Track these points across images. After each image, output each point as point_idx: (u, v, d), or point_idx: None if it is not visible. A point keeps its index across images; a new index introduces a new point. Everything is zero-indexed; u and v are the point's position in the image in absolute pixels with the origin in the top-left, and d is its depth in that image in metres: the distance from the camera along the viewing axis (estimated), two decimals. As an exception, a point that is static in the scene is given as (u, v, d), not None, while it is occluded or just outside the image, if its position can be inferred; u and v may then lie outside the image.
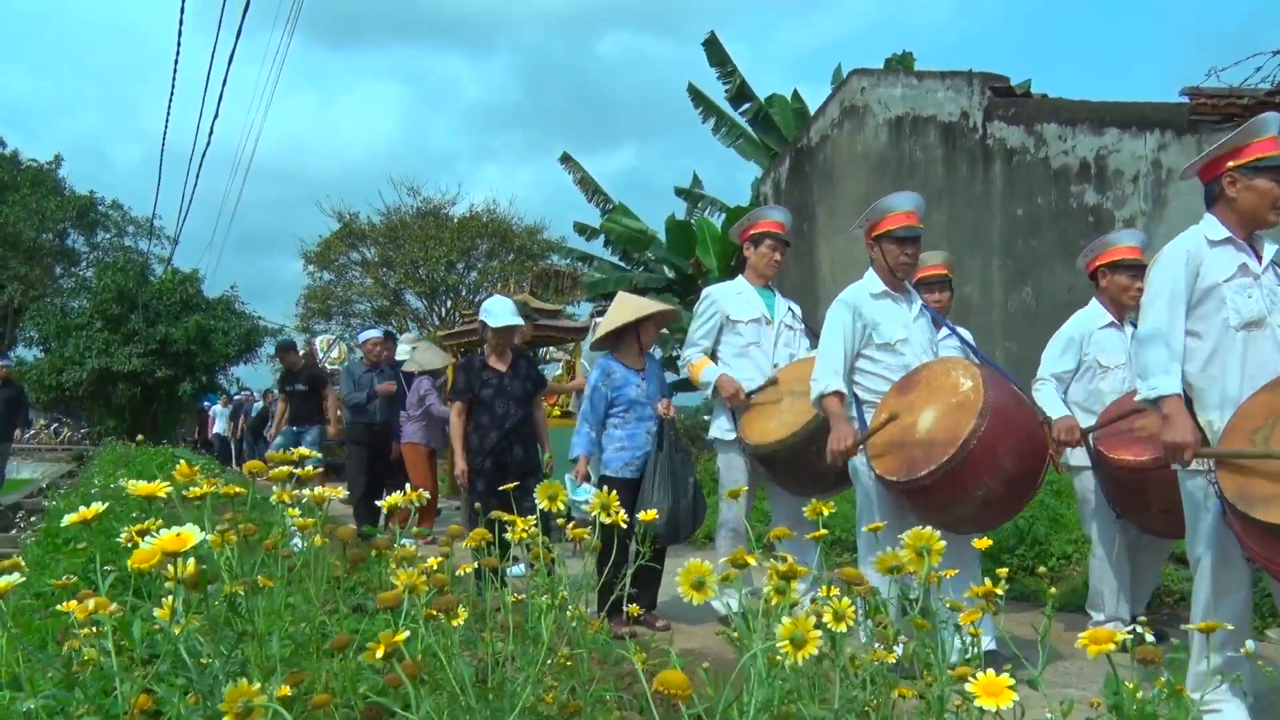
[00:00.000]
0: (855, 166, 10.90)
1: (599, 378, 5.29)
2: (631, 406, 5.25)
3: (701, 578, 1.60)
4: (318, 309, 31.63)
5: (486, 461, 5.64)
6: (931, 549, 1.66)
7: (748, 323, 5.11)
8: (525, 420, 5.83)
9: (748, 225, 5.27)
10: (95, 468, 14.23)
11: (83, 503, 6.00)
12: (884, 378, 4.23)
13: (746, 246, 5.25)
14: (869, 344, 4.29)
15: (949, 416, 3.78)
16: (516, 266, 28.90)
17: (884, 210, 4.32)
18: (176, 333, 27.42)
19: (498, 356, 5.84)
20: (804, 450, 4.51)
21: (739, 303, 5.17)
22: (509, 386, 5.77)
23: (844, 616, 1.54)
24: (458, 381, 5.86)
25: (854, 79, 11.10)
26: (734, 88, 16.45)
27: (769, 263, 5.20)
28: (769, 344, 5.13)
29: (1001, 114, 9.35)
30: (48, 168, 36.71)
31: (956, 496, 3.74)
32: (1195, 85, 7.55)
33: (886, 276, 4.35)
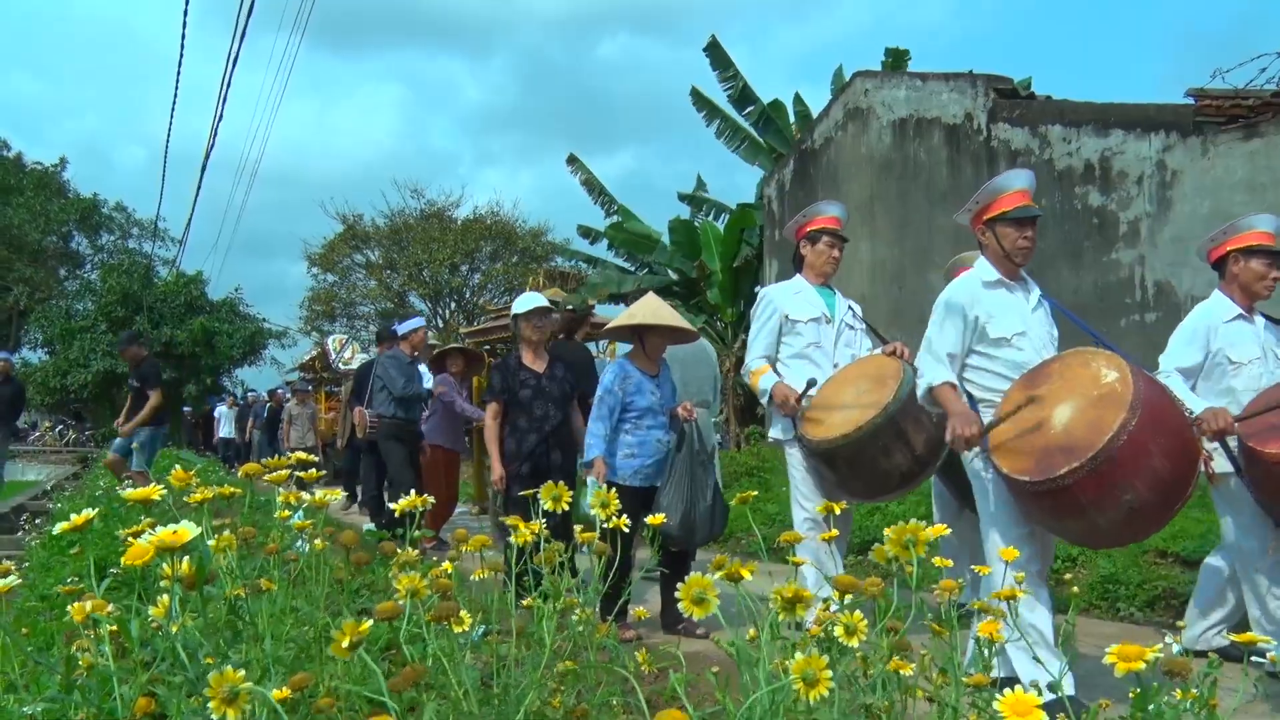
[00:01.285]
0: (859, 168, 10.89)
1: (615, 379, 5.11)
2: (644, 413, 5.10)
3: (703, 593, 1.54)
4: (322, 311, 31.64)
5: (524, 466, 5.35)
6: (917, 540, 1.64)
7: (807, 322, 4.87)
8: (564, 423, 5.56)
9: (803, 222, 5.03)
10: (99, 470, 14.24)
11: (86, 506, 5.96)
12: (1001, 375, 3.85)
13: (802, 244, 5.01)
14: (982, 339, 3.90)
15: (1092, 410, 3.40)
16: (520, 269, 28.88)
17: (997, 190, 3.91)
18: (181, 335, 27.50)
19: (534, 355, 5.59)
20: (868, 448, 4.27)
21: (797, 302, 4.91)
22: (547, 387, 5.51)
23: (855, 631, 1.50)
24: (493, 381, 5.56)
25: (858, 81, 11.09)
26: (736, 91, 16.47)
27: (827, 260, 4.95)
28: (830, 344, 4.88)
29: (1005, 115, 9.34)
30: (52, 170, 36.82)
31: (1100, 501, 3.34)
32: (1200, 86, 7.54)
33: (1002, 263, 3.94)
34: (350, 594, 2.09)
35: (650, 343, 5.22)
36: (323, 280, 32.14)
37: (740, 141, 16.82)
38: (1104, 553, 5.64)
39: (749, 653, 1.52)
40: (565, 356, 6.46)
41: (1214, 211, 7.47)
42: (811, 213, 5.02)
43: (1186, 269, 7.66)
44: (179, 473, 1.93)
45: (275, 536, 1.97)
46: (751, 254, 15.89)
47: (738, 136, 16.82)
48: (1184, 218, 7.75)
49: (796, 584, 1.70)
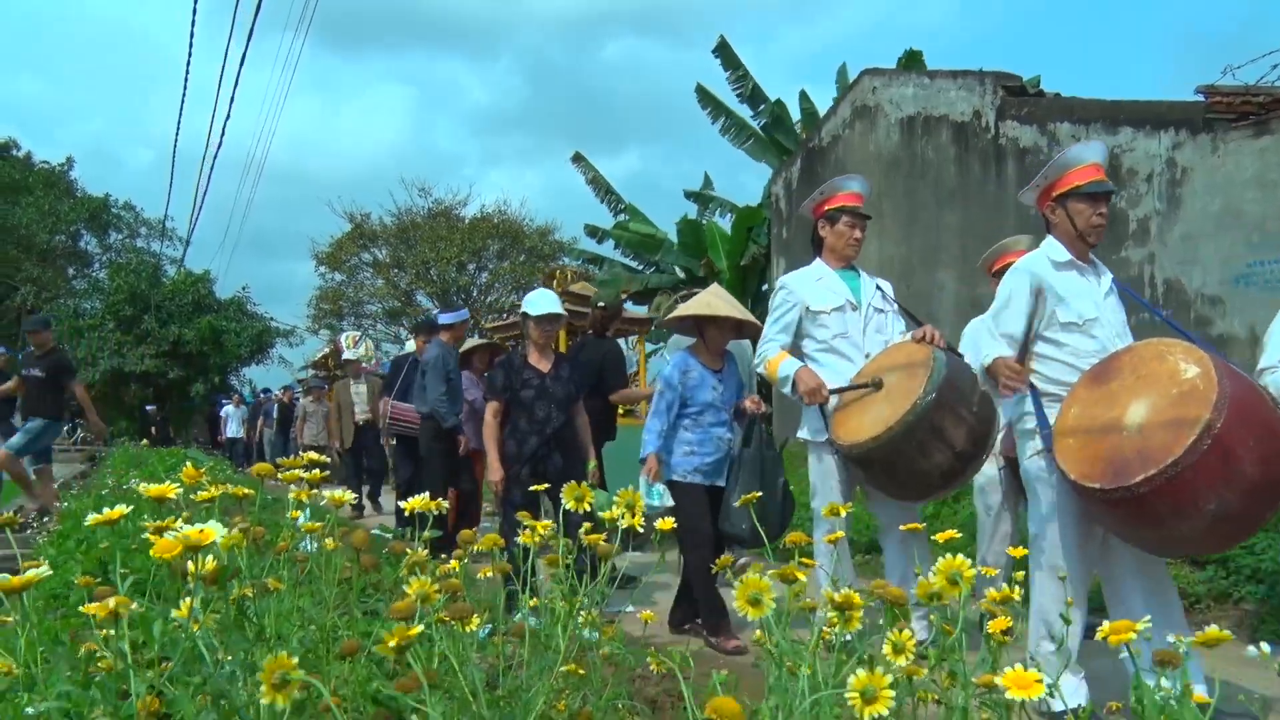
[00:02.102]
0: (867, 167, 10.85)
1: (676, 374, 4.87)
2: (705, 409, 4.84)
3: (759, 594, 1.53)
4: (329, 310, 31.70)
5: (524, 469, 5.16)
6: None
7: (831, 312, 4.47)
8: (567, 425, 5.36)
9: (820, 199, 4.62)
10: (108, 468, 14.28)
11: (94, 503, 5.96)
12: (1070, 365, 3.53)
13: (821, 225, 4.61)
14: (1050, 323, 3.58)
15: (1171, 409, 3.09)
16: (527, 268, 28.92)
17: (1068, 164, 3.63)
18: (189, 334, 27.56)
19: (539, 354, 5.38)
20: (904, 448, 3.92)
21: (819, 290, 4.51)
22: (551, 388, 5.29)
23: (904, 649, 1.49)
24: (495, 379, 5.39)
25: (865, 79, 11.06)
26: (746, 90, 16.44)
27: (848, 242, 4.55)
28: (858, 333, 4.47)
29: (1014, 113, 9.31)
30: (60, 170, 36.93)
31: (1181, 510, 3.02)
32: (1211, 84, 7.50)
33: (1073, 243, 3.64)
34: (357, 594, 2.08)
35: (710, 335, 4.95)
36: (330, 279, 32.23)
37: (746, 139, 16.81)
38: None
39: (786, 656, 1.51)
40: (594, 352, 6.36)
41: (1225, 209, 7.43)
42: (829, 189, 4.63)
43: (1197, 267, 7.62)
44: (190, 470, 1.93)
45: (285, 535, 1.96)
46: (759, 252, 15.87)
47: (744, 134, 16.81)
48: (1194, 215, 7.71)
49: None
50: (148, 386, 27.77)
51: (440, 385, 7.09)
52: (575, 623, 1.74)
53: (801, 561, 1.77)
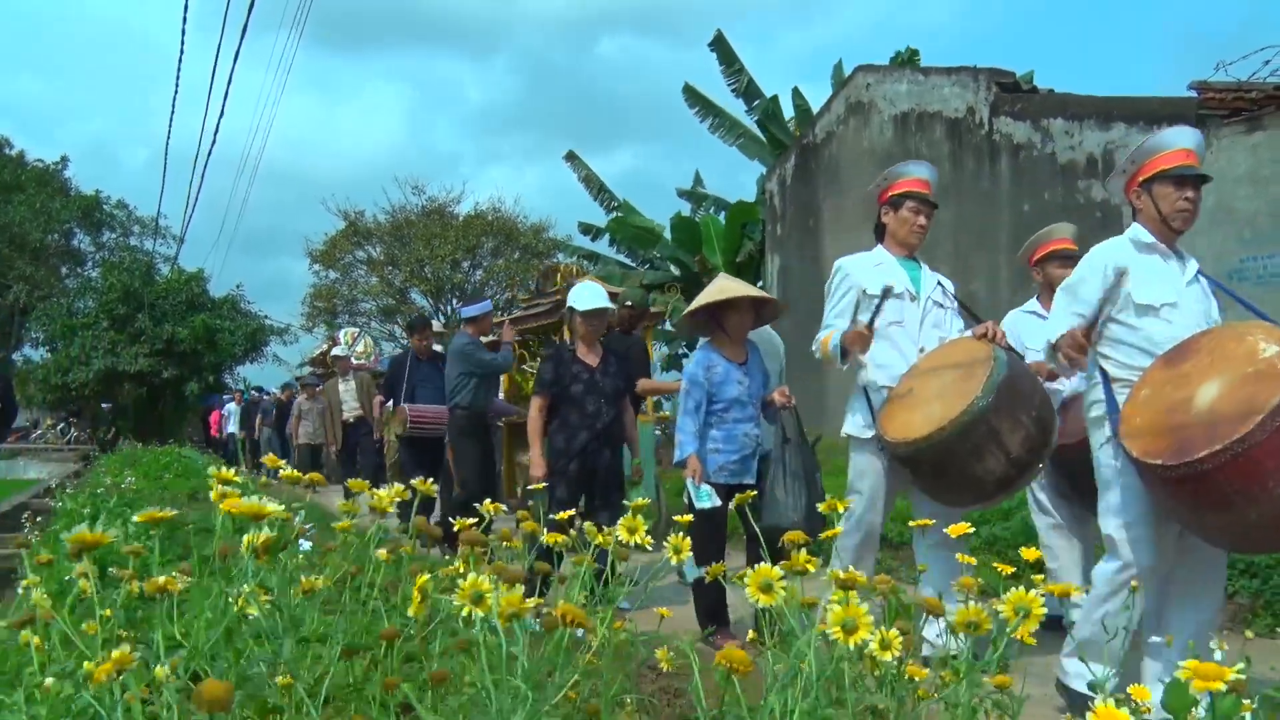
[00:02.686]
0: (861, 163, 10.87)
1: (699, 369, 4.70)
2: (731, 405, 4.68)
3: (770, 580, 1.55)
4: (324, 308, 31.65)
5: (572, 464, 5.08)
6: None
7: (891, 299, 4.30)
8: (616, 420, 5.27)
9: (885, 185, 4.47)
10: (103, 467, 14.25)
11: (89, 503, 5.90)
12: (1143, 350, 3.39)
13: (884, 210, 4.46)
14: (1125, 306, 3.44)
15: (1243, 388, 2.96)
16: (522, 265, 28.88)
17: (1156, 148, 3.51)
18: (183, 332, 27.47)
19: (587, 348, 5.31)
20: (955, 450, 3.68)
21: (877, 276, 4.33)
22: (600, 382, 5.22)
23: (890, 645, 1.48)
24: (544, 373, 5.27)
25: (859, 75, 11.07)
26: (741, 86, 16.43)
27: (911, 229, 4.36)
28: (914, 324, 4.30)
29: (1008, 109, 9.32)
30: (54, 168, 36.82)
31: (1249, 491, 2.86)
32: (1203, 80, 7.52)
33: (1158, 229, 3.52)
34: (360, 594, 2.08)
35: (730, 323, 4.77)
36: (324, 277, 32.16)
37: (738, 137, 16.80)
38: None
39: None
40: (619, 346, 6.26)
41: (1218, 205, 7.45)
42: (894, 175, 4.45)
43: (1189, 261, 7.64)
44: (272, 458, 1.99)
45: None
46: (754, 249, 15.88)
47: (735, 132, 16.80)
48: (1187, 211, 7.74)
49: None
50: (141, 385, 27.69)
51: (457, 368, 6.92)
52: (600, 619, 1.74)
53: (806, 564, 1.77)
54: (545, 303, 8.90)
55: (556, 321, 8.50)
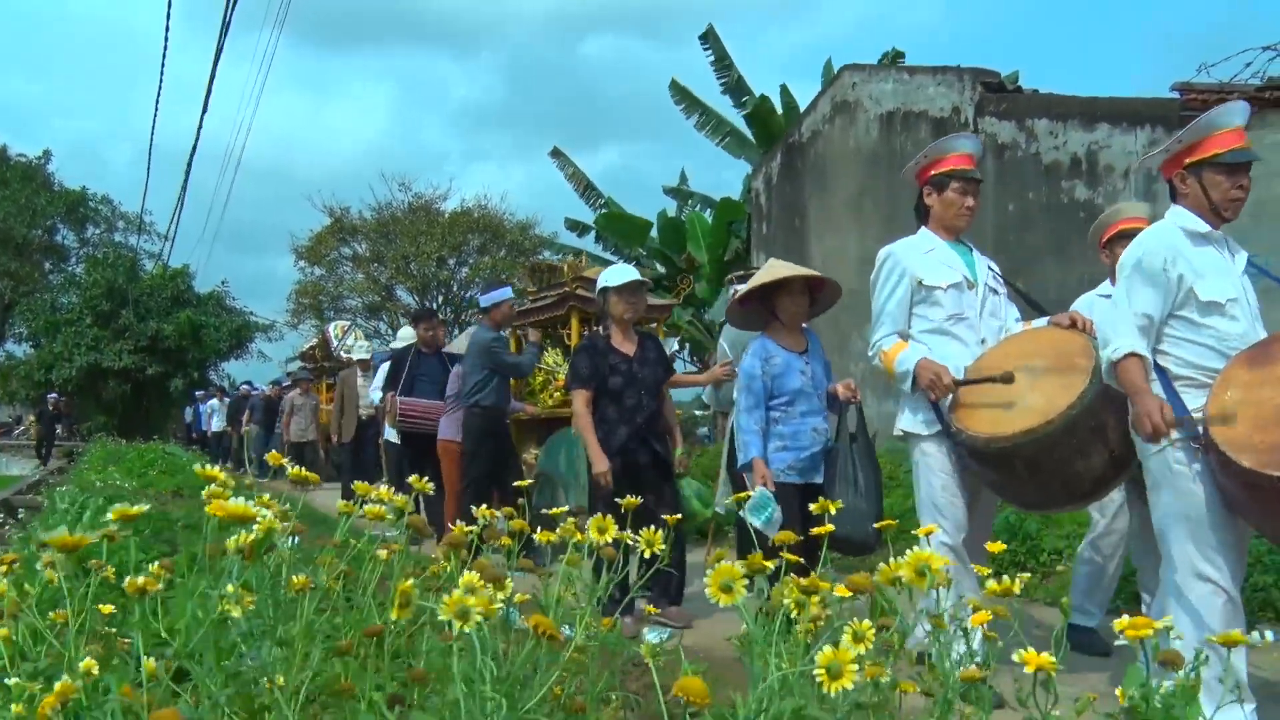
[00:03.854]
0: (847, 162, 10.90)
1: (757, 362, 4.36)
2: (795, 398, 4.32)
3: (730, 581, 1.54)
4: (309, 304, 31.56)
5: (615, 462, 4.75)
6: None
7: (947, 289, 3.88)
8: (657, 414, 4.96)
9: (926, 162, 4.08)
10: (86, 464, 14.18)
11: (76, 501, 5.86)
12: (1213, 349, 3.13)
13: (927, 191, 4.06)
14: (1186, 303, 3.15)
15: None
16: (508, 262, 28.85)
17: (1207, 128, 3.21)
18: (168, 328, 27.37)
19: (623, 336, 4.95)
20: (1059, 446, 3.38)
21: (930, 263, 3.92)
22: (639, 373, 4.87)
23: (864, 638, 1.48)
24: (579, 366, 4.89)
25: (845, 74, 11.10)
26: (731, 82, 16.41)
27: (958, 211, 3.98)
28: (975, 314, 3.90)
29: (992, 109, 9.37)
30: (37, 163, 36.58)
31: None
32: (1186, 80, 7.58)
33: (1206, 216, 3.25)
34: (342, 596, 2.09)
35: (784, 308, 4.44)
36: (309, 273, 32.07)
37: (724, 134, 16.80)
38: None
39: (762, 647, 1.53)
40: None
41: (1199, 205, 7.51)
42: (937, 151, 4.07)
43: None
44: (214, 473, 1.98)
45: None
46: (740, 247, 15.90)
47: (721, 129, 16.80)
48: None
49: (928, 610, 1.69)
50: (125, 382, 27.58)
51: (478, 366, 6.48)
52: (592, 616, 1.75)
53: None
54: (551, 295, 8.60)
55: (564, 314, 8.40)
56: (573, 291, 8.20)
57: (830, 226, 10.96)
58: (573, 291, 8.20)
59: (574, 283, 8.24)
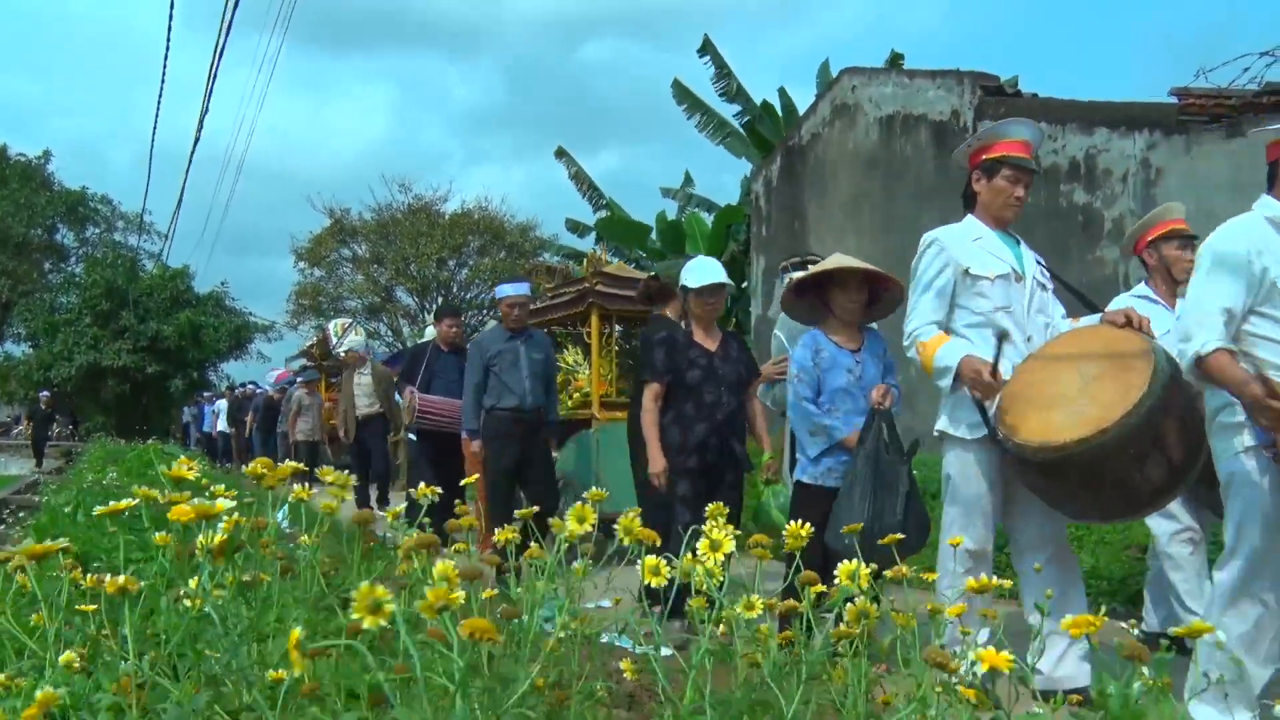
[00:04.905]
0: (846, 165, 10.92)
1: (808, 354, 4.17)
2: (838, 396, 4.14)
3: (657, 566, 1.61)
4: (309, 305, 31.56)
5: (691, 459, 4.57)
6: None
7: (995, 280, 3.60)
8: (739, 411, 4.75)
9: (978, 146, 3.79)
10: (84, 464, 14.18)
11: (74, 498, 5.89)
12: None
13: (975, 176, 3.77)
14: (1271, 298, 2.95)
15: None
16: (508, 264, 28.87)
17: None
18: (167, 329, 27.40)
19: (704, 331, 4.76)
20: (1117, 455, 3.13)
21: (976, 252, 3.64)
22: (720, 369, 4.67)
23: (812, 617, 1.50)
24: (654, 359, 4.67)
25: (845, 77, 11.12)
26: (731, 90, 16.41)
27: (1007, 201, 3.69)
28: (1022, 309, 3.64)
29: (992, 113, 9.37)
30: (37, 162, 36.59)
31: None
32: (1184, 85, 7.60)
33: None
34: (335, 589, 2.10)
35: (837, 302, 4.22)
36: (309, 275, 32.07)
37: (724, 136, 16.82)
38: (1085, 547, 5.67)
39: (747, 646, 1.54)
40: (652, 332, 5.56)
41: (1197, 210, 7.48)
42: (991, 135, 3.74)
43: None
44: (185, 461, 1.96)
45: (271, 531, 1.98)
46: (738, 250, 15.92)
47: (722, 131, 16.82)
48: (1168, 216, 7.81)
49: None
50: (125, 382, 27.59)
51: (471, 379, 6.28)
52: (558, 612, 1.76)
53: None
54: (570, 291, 8.15)
55: (584, 311, 7.90)
56: (593, 288, 7.75)
57: (829, 229, 10.97)
58: (593, 288, 7.75)
59: (594, 278, 7.82)
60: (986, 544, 3.54)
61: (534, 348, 6.44)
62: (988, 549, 3.55)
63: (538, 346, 6.51)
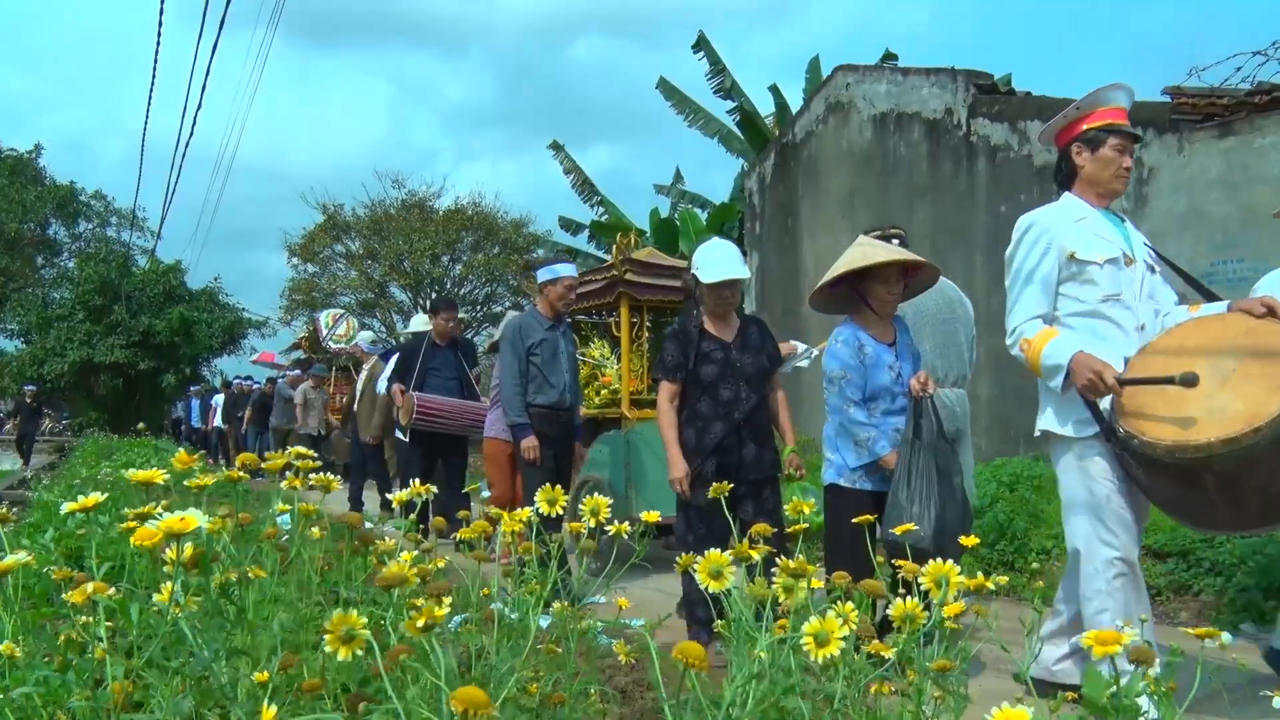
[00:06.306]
0: (840, 163, 10.94)
1: (850, 351, 3.91)
2: (880, 394, 3.90)
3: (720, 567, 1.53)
4: (302, 301, 31.50)
5: (707, 464, 4.18)
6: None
7: (1104, 264, 3.28)
8: (760, 407, 4.34)
9: (1077, 116, 3.46)
10: (78, 458, 14.16)
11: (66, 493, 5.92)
12: None
13: (1076, 149, 3.45)
14: None
15: None
16: (502, 260, 28.84)
17: None
18: (160, 324, 27.37)
19: (719, 320, 4.36)
20: (1268, 459, 2.80)
21: (1082, 234, 3.32)
22: (738, 361, 4.29)
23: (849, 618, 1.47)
24: (665, 354, 4.34)
25: (839, 75, 11.13)
26: (726, 87, 16.41)
27: (1116, 173, 3.39)
28: (1133, 296, 3.31)
29: (985, 111, 9.40)
30: (27, 157, 36.45)
31: None
32: (1177, 85, 7.62)
33: None
34: (329, 584, 2.11)
35: (876, 295, 3.97)
36: (303, 271, 32.00)
37: (715, 132, 16.83)
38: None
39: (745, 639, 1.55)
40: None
41: (1190, 208, 7.54)
42: (1090, 103, 3.42)
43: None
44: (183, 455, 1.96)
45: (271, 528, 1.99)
46: (732, 247, 15.91)
47: (712, 127, 16.83)
48: (1160, 214, 7.83)
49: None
50: (117, 377, 27.56)
51: (513, 365, 5.62)
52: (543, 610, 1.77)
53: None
54: (597, 280, 7.47)
55: (612, 301, 7.35)
56: (621, 276, 7.17)
57: (822, 226, 10.99)
58: (621, 276, 7.17)
59: (622, 266, 7.21)
60: (1132, 550, 3.17)
61: (568, 340, 5.99)
62: (1134, 555, 3.18)
63: (570, 339, 6.06)
